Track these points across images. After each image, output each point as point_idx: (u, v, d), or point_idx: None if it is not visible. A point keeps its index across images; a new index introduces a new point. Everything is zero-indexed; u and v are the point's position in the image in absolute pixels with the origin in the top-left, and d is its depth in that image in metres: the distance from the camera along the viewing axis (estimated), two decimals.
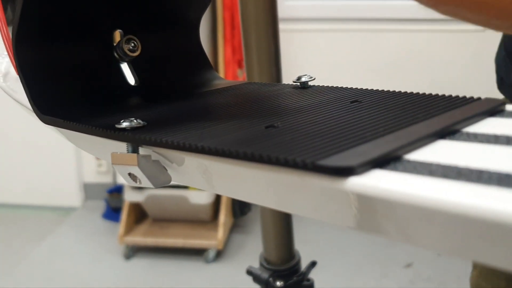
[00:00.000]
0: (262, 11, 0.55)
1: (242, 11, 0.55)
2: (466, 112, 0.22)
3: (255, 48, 0.57)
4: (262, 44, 0.57)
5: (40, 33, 0.31)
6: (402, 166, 0.17)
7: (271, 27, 0.56)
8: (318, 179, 0.17)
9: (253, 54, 0.57)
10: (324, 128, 0.22)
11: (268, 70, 0.58)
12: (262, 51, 0.57)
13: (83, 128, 0.27)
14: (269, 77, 0.58)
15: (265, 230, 0.69)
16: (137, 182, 0.26)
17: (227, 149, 0.20)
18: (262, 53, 0.57)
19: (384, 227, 0.17)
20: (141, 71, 0.36)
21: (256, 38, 0.56)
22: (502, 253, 0.14)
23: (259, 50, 0.57)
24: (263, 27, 0.56)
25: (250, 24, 0.56)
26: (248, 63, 0.57)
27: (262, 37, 0.56)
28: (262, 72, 0.58)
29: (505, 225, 0.13)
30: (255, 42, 0.57)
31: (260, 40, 0.56)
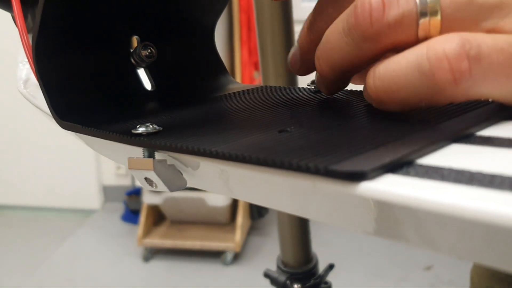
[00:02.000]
0: (277, 13, 0.55)
1: (258, 13, 0.56)
2: (479, 115, 0.22)
3: (270, 49, 0.57)
4: (277, 46, 0.57)
5: (59, 41, 0.32)
6: (414, 171, 0.17)
7: (286, 28, 0.57)
8: (331, 184, 0.17)
9: (268, 56, 0.57)
10: (336, 132, 0.22)
11: (283, 71, 0.58)
12: (278, 52, 0.57)
13: (101, 133, 0.28)
14: (284, 78, 0.58)
15: (282, 233, 0.69)
16: (153, 187, 0.26)
17: (240, 154, 0.20)
18: (278, 55, 0.57)
19: (397, 231, 0.17)
20: (157, 76, 0.37)
21: (271, 40, 0.57)
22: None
23: (274, 52, 0.57)
24: (278, 29, 0.56)
25: (266, 26, 0.56)
26: (264, 65, 0.58)
27: (277, 39, 0.56)
28: (277, 74, 0.58)
29: None
30: (270, 44, 0.57)
31: (275, 41, 0.57)
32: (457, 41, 0.19)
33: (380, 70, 0.21)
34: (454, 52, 0.19)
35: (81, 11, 0.32)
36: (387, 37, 0.21)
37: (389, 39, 0.21)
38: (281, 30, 0.56)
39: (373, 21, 0.21)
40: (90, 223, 2.31)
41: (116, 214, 2.36)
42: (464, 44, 0.19)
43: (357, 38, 0.22)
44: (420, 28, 0.21)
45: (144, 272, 1.88)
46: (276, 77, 0.58)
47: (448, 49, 0.19)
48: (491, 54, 0.19)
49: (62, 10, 0.31)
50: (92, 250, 2.08)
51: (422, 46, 0.20)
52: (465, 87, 0.20)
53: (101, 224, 2.30)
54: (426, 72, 0.20)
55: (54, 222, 2.35)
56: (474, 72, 0.19)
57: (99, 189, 2.46)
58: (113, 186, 2.45)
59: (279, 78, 0.58)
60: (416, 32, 0.21)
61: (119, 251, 2.03)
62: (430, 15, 0.21)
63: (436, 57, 0.19)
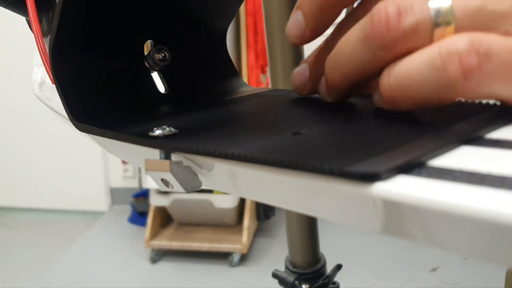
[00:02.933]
0: (286, 15, 0.56)
1: (266, 16, 0.56)
2: (489, 118, 0.22)
3: (279, 52, 0.58)
4: (286, 48, 0.57)
5: (75, 46, 0.33)
6: (426, 172, 0.17)
7: None
8: (345, 185, 0.18)
9: (277, 59, 0.58)
10: (349, 134, 0.22)
11: (292, 71, 0.58)
12: (287, 55, 0.58)
13: (118, 135, 0.28)
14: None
15: (291, 234, 0.70)
16: (169, 187, 0.27)
17: (256, 156, 0.21)
18: (287, 58, 0.58)
19: (409, 231, 0.18)
20: (170, 79, 0.38)
21: (280, 43, 0.57)
22: None
23: (284, 55, 0.58)
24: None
25: (275, 29, 0.57)
26: (273, 68, 0.58)
27: (287, 42, 0.57)
28: (286, 76, 0.58)
29: None
30: (279, 47, 0.57)
31: (284, 44, 0.57)
32: (468, 39, 0.20)
33: (395, 69, 0.22)
34: (464, 49, 0.20)
35: (97, 16, 0.33)
36: (402, 44, 0.22)
37: (404, 46, 0.22)
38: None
39: (390, 29, 0.21)
40: (98, 225, 2.32)
41: (124, 216, 2.37)
42: (474, 42, 0.20)
43: (373, 47, 0.22)
44: (435, 35, 0.21)
45: (152, 273, 1.89)
46: (284, 79, 0.59)
47: (459, 46, 0.20)
48: (502, 53, 0.20)
49: (79, 15, 0.31)
50: (100, 252, 2.09)
51: (435, 45, 0.21)
52: (474, 83, 0.20)
53: (109, 226, 2.31)
54: (438, 68, 0.20)
55: (62, 224, 2.37)
56: (484, 69, 0.20)
57: (107, 192, 2.47)
58: (121, 188, 2.47)
59: (288, 80, 0.58)
60: (431, 39, 0.21)
61: (127, 253, 2.04)
62: (444, 24, 0.21)
63: (448, 53, 0.20)
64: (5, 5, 0.42)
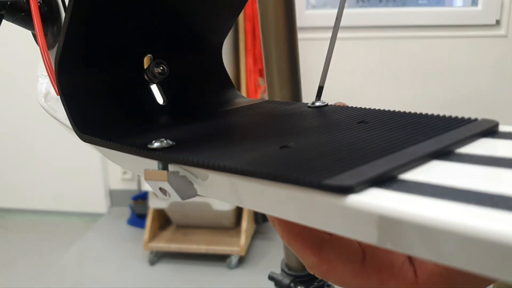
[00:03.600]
0: (281, 20, 0.58)
1: (262, 21, 0.58)
2: (461, 133, 0.24)
3: (274, 56, 0.59)
4: (281, 53, 0.59)
5: (80, 60, 0.35)
6: (396, 185, 0.19)
7: (290, 36, 0.59)
8: (324, 197, 0.20)
9: (273, 64, 0.60)
10: (331, 148, 0.24)
11: (287, 77, 0.60)
12: (282, 59, 0.59)
13: (119, 147, 0.30)
14: (288, 85, 0.60)
15: None
16: (166, 196, 0.29)
17: (246, 168, 0.23)
18: (282, 62, 0.59)
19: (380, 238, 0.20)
20: (168, 91, 0.40)
21: (275, 47, 0.59)
22: (488, 266, 0.16)
23: (279, 59, 0.59)
24: (283, 36, 0.58)
25: (270, 34, 0.59)
26: (269, 72, 0.60)
27: (282, 46, 0.59)
28: (282, 80, 0.60)
29: (481, 240, 0.16)
30: (275, 51, 0.59)
31: (279, 49, 0.59)
32: None
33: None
34: None
35: (101, 32, 0.35)
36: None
37: None
38: (285, 36, 0.58)
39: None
40: (96, 227, 2.34)
41: (123, 218, 2.39)
42: None
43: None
44: None
45: (150, 275, 1.91)
46: (280, 82, 0.60)
47: None
48: None
49: (83, 32, 0.34)
50: (99, 253, 2.10)
51: None
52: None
53: (108, 228, 2.33)
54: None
55: (61, 226, 2.38)
56: None
57: (106, 194, 2.49)
58: (120, 190, 2.49)
59: (283, 82, 0.60)
60: None
61: (125, 255, 2.06)
62: None
63: None
64: (13, 20, 0.44)
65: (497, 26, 2.03)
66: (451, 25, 2.05)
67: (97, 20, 0.34)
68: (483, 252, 0.16)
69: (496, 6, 2.01)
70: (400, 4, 2.18)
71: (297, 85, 0.61)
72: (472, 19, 2.04)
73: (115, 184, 2.49)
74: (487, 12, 2.02)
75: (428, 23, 2.07)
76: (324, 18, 2.14)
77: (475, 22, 2.04)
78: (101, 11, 0.33)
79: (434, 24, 2.06)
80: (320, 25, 2.11)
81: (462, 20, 2.05)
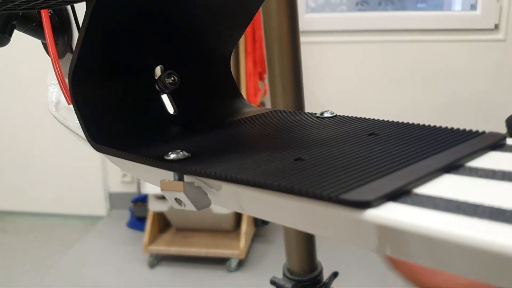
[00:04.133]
0: (284, 24, 0.59)
1: (265, 25, 0.59)
2: (470, 147, 0.25)
3: (277, 60, 0.60)
4: (284, 57, 0.60)
5: (93, 71, 0.35)
6: (411, 200, 0.20)
7: (292, 39, 0.60)
8: (341, 210, 0.21)
9: (275, 67, 0.61)
10: (345, 161, 0.25)
11: (289, 80, 0.61)
12: (284, 62, 0.60)
13: (135, 157, 0.31)
14: (291, 88, 0.61)
15: (288, 242, 0.72)
16: (182, 206, 0.29)
17: (263, 182, 0.24)
18: (285, 65, 0.60)
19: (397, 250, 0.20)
20: (179, 101, 0.40)
21: (278, 51, 0.60)
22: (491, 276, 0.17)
23: (282, 62, 0.60)
24: (285, 40, 0.59)
25: (273, 37, 0.59)
26: (271, 75, 0.61)
27: (284, 49, 0.60)
28: (284, 83, 0.61)
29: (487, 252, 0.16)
30: (277, 55, 0.60)
31: (282, 53, 0.60)
32: None
33: None
34: None
35: (114, 44, 0.35)
36: None
37: None
38: (288, 40, 0.59)
39: None
40: (96, 230, 2.34)
41: (122, 221, 2.39)
42: None
43: None
44: None
45: (150, 278, 1.91)
46: (283, 88, 0.61)
47: None
48: None
49: (97, 44, 0.34)
50: (98, 256, 2.11)
51: None
52: None
53: (108, 231, 2.33)
54: None
55: (61, 229, 2.38)
56: None
57: (105, 196, 2.49)
58: (119, 193, 2.49)
59: (285, 89, 0.61)
60: None
61: (125, 258, 2.06)
62: None
63: None
64: (24, 30, 0.44)
65: (496, 31, 2.05)
66: (450, 29, 2.06)
67: (111, 33, 0.34)
68: (497, 266, 0.17)
69: (495, 11, 2.02)
70: (399, 8, 2.19)
71: (299, 88, 0.62)
72: (471, 23, 2.06)
73: (114, 186, 2.49)
74: (486, 17, 2.04)
75: (427, 27, 2.08)
76: (323, 22, 2.15)
77: (474, 26, 2.05)
78: (114, 25, 0.34)
79: (433, 28, 2.07)
80: (319, 29, 2.12)
81: (461, 24, 2.06)
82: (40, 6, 0.40)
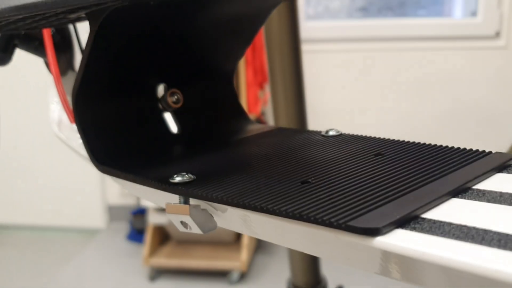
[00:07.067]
0: (285, 33, 0.59)
1: (267, 33, 0.59)
2: (477, 169, 0.25)
3: (279, 69, 0.61)
4: (286, 66, 0.60)
5: (97, 92, 0.35)
6: (420, 226, 0.20)
7: (293, 47, 0.60)
8: (350, 237, 0.21)
9: (277, 76, 0.61)
10: (352, 184, 0.25)
11: (291, 88, 0.61)
12: (286, 71, 0.61)
13: (140, 180, 0.31)
14: (292, 96, 0.61)
15: (292, 256, 0.72)
16: (187, 229, 0.29)
17: (271, 207, 0.23)
18: (286, 74, 0.61)
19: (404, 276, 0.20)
20: (182, 119, 0.40)
21: (280, 60, 0.60)
22: None
23: (283, 71, 0.60)
24: (287, 48, 0.60)
25: (275, 46, 0.60)
26: (273, 84, 0.61)
27: (286, 58, 0.60)
28: (286, 91, 0.61)
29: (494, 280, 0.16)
30: (279, 64, 0.60)
31: (284, 62, 0.60)
32: None
33: None
34: None
35: (117, 65, 0.35)
36: None
37: None
38: (289, 48, 0.60)
39: None
40: (95, 243, 2.33)
41: (121, 233, 2.37)
42: None
43: None
44: None
45: None
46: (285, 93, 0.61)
47: None
48: None
49: (101, 65, 0.34)
50: (98, 270, 2.09)
51: None
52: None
53: (107, 243, 2.31)
54: None
55: (60, 242, 2.37)
56: None
57: (104, 209, 2.48)
58: (118, 205, 2.47)
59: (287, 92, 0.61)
60: None
61: (125, 271, 2.05)
62: None
63: None
64: (26, 49, 0.44)
65: (497, 38, 2.06)
66: (451, 36, 2.07)
67: (114, 54, 0.34)
68: None
69: (495, 18, 2.03)
70: (399, 15, 2.20)
71: (301, 97, 0.62)
72: (471, 31, 2.06)
73: (113, 199, 2.48)
74: (486, 24, 2.05)
75: (428, 34, 2.08)
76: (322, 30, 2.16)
77: (475, 34, 2.06)
78: (118, 45, 0.34)
79: (434, 35, 2.08)
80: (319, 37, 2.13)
81: (462, 31, 2.07)
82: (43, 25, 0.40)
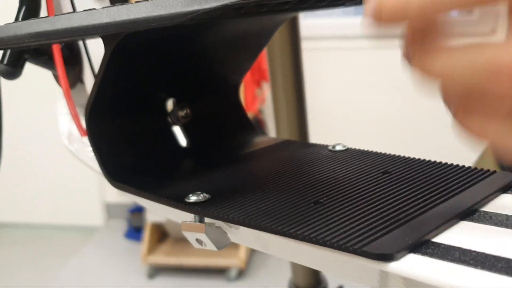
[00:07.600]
0: (285, 31, 0.60)
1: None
2: (483, 190, 0.26)
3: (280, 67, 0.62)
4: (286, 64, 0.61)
5: (109, 109, 0.36)
6: (431, 251, 0.21)
7: (294, 46, 0.61)
8: (364, 261, 0.22)
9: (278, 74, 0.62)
10: (363, 207, 0.26)
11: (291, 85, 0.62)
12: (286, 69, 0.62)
13: (156, 198, 0.32)
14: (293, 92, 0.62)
15: None
16: (202, 246, 0.30)
17: (286, 230, 0.24)
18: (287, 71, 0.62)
19: None
20: (190, 133, 0.41)
21: (280, 58, 0.61)
22: None
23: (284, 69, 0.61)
24: (287, 46, 0.61)
25: (275, 43, 0.61)
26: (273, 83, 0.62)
27: (286, 55, 0.61)
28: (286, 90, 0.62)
29: None
30: (279, 62, 0.61)
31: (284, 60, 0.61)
32: None
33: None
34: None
35: (128, 82, 0.36)
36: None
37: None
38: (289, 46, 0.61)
39: None
40: (93, 241, 2.34)
41: (119, 231, 2.38)
42: None
43: None
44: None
45: None
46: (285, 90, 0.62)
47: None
48: None
49: (114, 83, 0.35)
50: (96, 268, 2.10)
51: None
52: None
53: (105, 241, 2.32)
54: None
55: (58, 240, 2.37)
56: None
57: (102, 207, 2.49)
58: (116, 203, 2.48)
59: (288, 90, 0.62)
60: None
61: (123, 269, 2.06)
62: None
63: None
64: (35, 63, 0.45)
65: (493, 35, 2.07)
66: None
67: (127, 73, 0.35)
68: None
69: (491, 15, 2.04)
70: None
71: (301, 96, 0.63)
72: (467, 28, 2.08)
73: (111, 196, 2.48)
74: (482, 21, 2.06)
75: None
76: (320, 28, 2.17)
77: (471, 31, 2.07)
78: (130, 65, 0.35)
79: None
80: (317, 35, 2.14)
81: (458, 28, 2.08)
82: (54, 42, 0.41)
